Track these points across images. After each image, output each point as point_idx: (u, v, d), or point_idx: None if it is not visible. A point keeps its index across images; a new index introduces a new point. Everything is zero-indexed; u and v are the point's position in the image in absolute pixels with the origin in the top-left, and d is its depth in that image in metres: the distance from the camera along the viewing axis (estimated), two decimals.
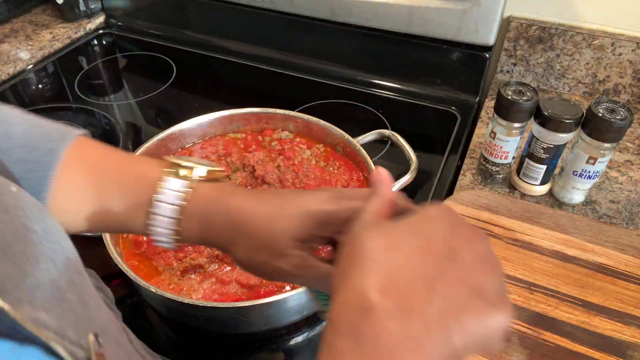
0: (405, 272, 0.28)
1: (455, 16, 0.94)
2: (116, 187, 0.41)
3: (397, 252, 0.29)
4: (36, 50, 1.17)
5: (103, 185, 0.41)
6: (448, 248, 0.30)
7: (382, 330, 0.26)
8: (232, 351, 0.63)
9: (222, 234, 0.41)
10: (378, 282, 0.28)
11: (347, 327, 0.27)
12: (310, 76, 1.12)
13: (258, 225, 0.40)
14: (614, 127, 0.66)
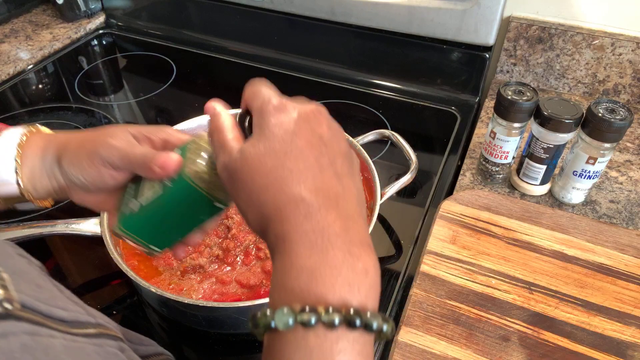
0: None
1: (455, 16, 0.94)
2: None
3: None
4: (36, 50, 1.17)
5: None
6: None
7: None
8: (232, 351, 0.64)
9: (47, 149, 0.46)
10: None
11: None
12: (310, 76, 1.12)
13: (82, 144, 0.45)
14: (614, 127, 0.66)
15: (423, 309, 0.62)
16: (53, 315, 0.29)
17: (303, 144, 0.33)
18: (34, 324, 0.27)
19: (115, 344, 0.33)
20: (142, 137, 0.45)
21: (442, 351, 0.58)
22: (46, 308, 0.29)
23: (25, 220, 0.79)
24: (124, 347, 0.34)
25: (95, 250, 0.72)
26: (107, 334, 0.33)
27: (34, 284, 0.30)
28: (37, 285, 0.30)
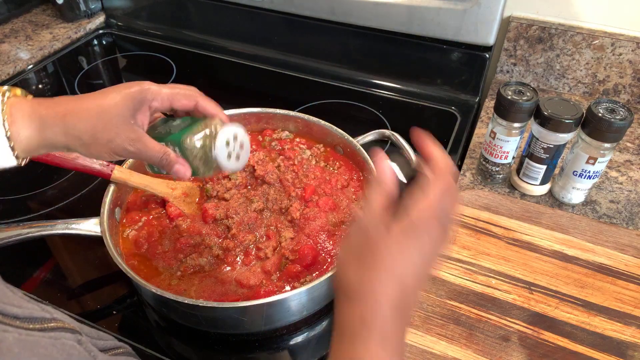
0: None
1: (455, 16, 0.94)
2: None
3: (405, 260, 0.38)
4: (36, 50, 1.17)
5: None
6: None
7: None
8: (232, 351, 0.64)
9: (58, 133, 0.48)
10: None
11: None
12: (310, 76, 1.12)
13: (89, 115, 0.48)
14: (614, 127, 0.66)
15: (423, 309, 0.62)
16: (6, 312, 0.30)
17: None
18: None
19: (73, 336, 0.33)
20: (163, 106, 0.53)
21: (442, 351, 0.58)
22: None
23: (25, 220, 0.79)
24: (81, 339, 0.34)
25: (95, 250, 0.72)
26: (64, 327, 0.33)
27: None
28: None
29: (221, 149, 0.54)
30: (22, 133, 0.47)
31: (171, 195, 0.73)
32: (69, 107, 0.48)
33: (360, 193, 0.76)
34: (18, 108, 0.47)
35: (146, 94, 0.50)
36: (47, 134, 0.48)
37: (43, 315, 0.32)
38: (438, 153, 0.41)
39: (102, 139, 0.49)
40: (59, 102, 0.48)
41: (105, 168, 0.69)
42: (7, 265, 0.71)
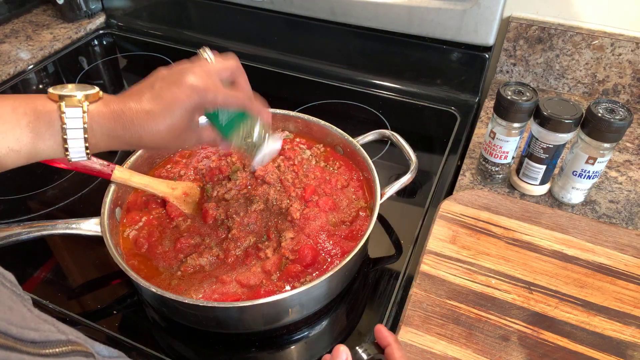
0: None
1: (455, 16, 0.94)
2: (24, 128, 0.48)
3: None
4: (37, 51, 1.17)
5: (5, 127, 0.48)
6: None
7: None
8: (232, 351, 0.64)
9: (124, 137, 0.52)
10: None
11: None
12: (310, 76, 1.13)
13: (160, 137, 0.52)
14: (614, 127, 0.66)
15: (423, 309, 0.62)
16: (24, 337, 0.30)
17: None
18: (5, 349, 0.28)
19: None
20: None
21: (442, 351, 0.58)
22: (17, 331, 0.30)
23: (26, 220, 0.79)
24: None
25: (95, 250, 0.72)
26: (78, 350, 0.34)
27: (6, 307, 0.31)
28: (9, 308, 0.31)
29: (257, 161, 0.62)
30: (99, 145, 0.52)
31: (171, 195, 0.73)
32: (143, 130, 0.52)
33: (360, 193, 0.76)
34: (97, 122, 0.50)
35: (204, 102, 0.53)
36: (122, 147, 0.54)
37: (59, 338, 0.33)
38: (393, 344, 0.48)
39: (171, 149, 0.58)
40: (132, 118, 0.51)
41: (105, 168, 0.69)
42: (7, 265, 0.71)
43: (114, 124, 0.51)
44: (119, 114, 0.51)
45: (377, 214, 0.65)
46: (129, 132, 0.51)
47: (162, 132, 0.52)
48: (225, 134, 0.59)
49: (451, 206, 0.75)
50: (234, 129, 0.59)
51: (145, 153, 0.77)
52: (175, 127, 0.52)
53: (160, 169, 0.80)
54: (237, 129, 0.59)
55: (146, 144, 0.53)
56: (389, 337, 0.48)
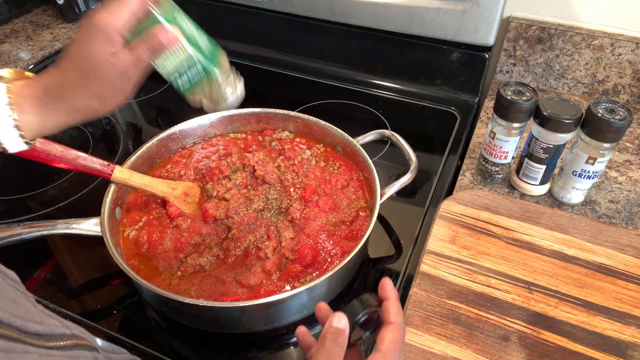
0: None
1: (455, 16, 0.94)
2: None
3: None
4: (37, 51, 1.17)
5: None
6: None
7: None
8: (232, 351, 0.64)
9: (56, 106, 0.48)
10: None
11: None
12: (310, 76, 1.13)
13: (69, 75, 0.48)
14: (613, 127, 0.66)
15: (423, 309, 0.62)
16: (29, 330, 0.30)
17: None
18: (9, 340, 0.28)
19: (90, 354, 0.34)
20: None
21: (442, 351, 0.58)
22: (22, 323, 0.30)
23: (26, 220, 0.79)
24: (97, 357, 0.35)
25: (95, 250, 0.72)
26: (82, 344, 0.34)
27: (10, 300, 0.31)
28: (13, 301, 0.31)
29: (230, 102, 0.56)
30: (32, 123, 0.48)
31: (171, 195, 0.73)
32: (70, 90, 0.48)
33: (360, 193, 0.76)
34: (23, 96, 0.47)
35: (106, 32, 0.46)
36: (61, 121, 0.50)
37: (63, 332, 0.33)
38: (393, 299, 0.47)
39: (116, 98, 0.50)
40: (55, 83, 0.48)
41: (105, 168, 0.69)
42: (7, 265, 0.71)
43: (40, 94, 0.48)
44: (41, 82, 0.48)
45: (377, 214, 0.65)
46: (55, 97, 0.48)
47: (82, 81, 0.47)
48: (186, 90, 0.53)
49: (451, 206, 0.75)
50: (194, 85, 0.52)
51: (145, 153, 0.78)
52: (90, 68, 0.47)
53: (160, 169, 0.80)
54: (198, 85, 0.52)
55: (77, 103, 0.49)
56: (391, 292, 0.47)
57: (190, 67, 0.51)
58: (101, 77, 0.47)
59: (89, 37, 0.46)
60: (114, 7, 0.46)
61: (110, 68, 0.46)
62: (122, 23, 0.46)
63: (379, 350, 0.43)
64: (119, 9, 0.46)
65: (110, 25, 0.45)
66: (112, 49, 0.46)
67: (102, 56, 0.46)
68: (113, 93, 0.49)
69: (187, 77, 0.51)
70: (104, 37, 0.46)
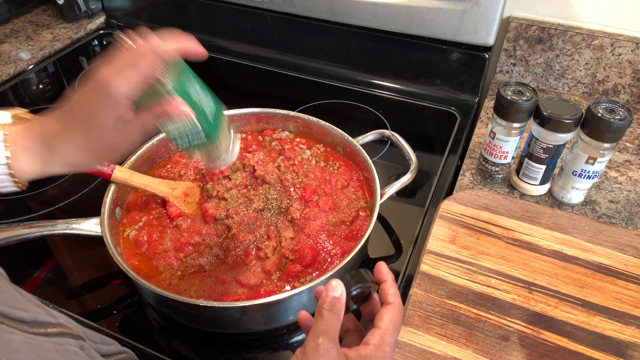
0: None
1: (455, 16, 0.94)
2: None
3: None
4: (37, 51, 1.17)
5: None
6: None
7: None
8: (232, 350, 0.64)
9: (50, 158, 0.48)
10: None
11: None
12: (310, 76, 1.13)
13: (65, 132, 0.47)
14: (613, 127, 0.66)
15: (423, 309, 0.62)
16: (12, 315, 0.30)
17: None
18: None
19: (76, 342, 0.34)
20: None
21: (442, 351, 0.58)
22: (5, 308, 0.30)
23: (26, 220, 0.79)
24: (84, 345, 0.35)
25: (95, 250, 0.72)
26: (68, 332, 0.34)
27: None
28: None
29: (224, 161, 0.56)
30: (26, 171, 0.48)
31: (171, 195, 0.73)
32: (64, 145, 0.48)
33: (360, 193, 0.76)
34: (19, 145, 0.47)
35: (111, 97, 0.45)
36: (53, 171, 0.50)
37: (48, 320, 0.33)
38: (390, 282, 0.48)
39: (107, 158, 0.50)
40: (51, 135, 0.48)
41: (105, 168, 0.69)
42: (7, 265, 0.71)
43: (36, 145, 0.47)
44: (40, 134, 0.48)
45: (377, 214, 0.65)
46: (53, 152, 0.48)
47: (84, 144, 0.47)
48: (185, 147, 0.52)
49: (451, 206, 0.75)
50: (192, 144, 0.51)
51: (146, 153, 0.78)
52: (97, 134, 0.46)
53: (160, 169, 0.80)
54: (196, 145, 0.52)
55: (74, 160, 0.49)
56: (387, 274, 0.48)
57: (193, 136, 0.50)
58: (104, 141, 0.47)
59: (95, 98, 0.45)
60: (124, 69, 0.44)
61: (115, 134, 0.47)
62: (131, 87, 0.44)
63: (378, 327, 0.45)
64: (129, 72, 0.44)
65: (118, 89, 0.44)
66: (119, 114, 0.45)
67: (108, 121, 0.46)
68: (112, 155, 0.50)
69: (188, 140, 0.51)
70: (111, 101, 0.44)
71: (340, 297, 0.44)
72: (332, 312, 0.43)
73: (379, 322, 0.45)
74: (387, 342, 0.44)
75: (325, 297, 0.44)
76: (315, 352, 0.40)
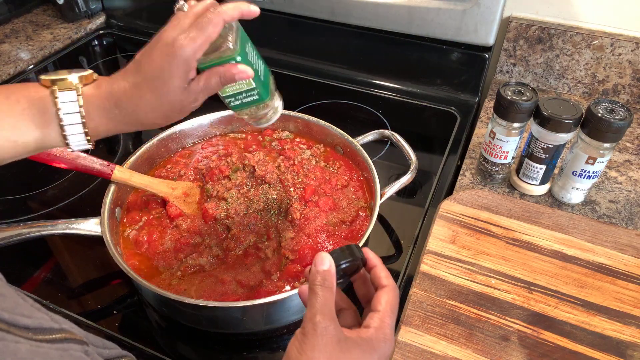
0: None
1: (455, 16, 0.94)
2: (18, 115, 0.47)
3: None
4: (37, 51, 1.17)
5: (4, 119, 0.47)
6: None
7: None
8: (232, 350, 0.64)
9: (121, 116, 0.50)
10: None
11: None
12: (310, 76, 1.13)
13: (138, 91, 0.49)
14: (613, 127, 0.66)
15: (423, 309, 0.62)
16: (17, 323, 0.30)
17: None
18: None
19: (80, 347, 0.34)
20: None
21: (442, 351, 0.58)
22: (10, 316, 0.30)
23: (26, 220, 0.79)
24: (88, 350, 0.35)
25: (95, 250, 0.72)
26: (72, 338, 0.34)
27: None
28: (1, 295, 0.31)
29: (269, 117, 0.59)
30: (99, 130, 0.50)
31: (171, 195, 0.73)
32: (136, 105, 0.49)
33: (360, 193, 0.76)
34: (92, 104, 0.49)
35: (183, 57, 0.47)
36: (124, 129, 0.52)
37: (52, 326, 0.33)
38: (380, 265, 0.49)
39: (175, 117, 0.52)
40: (122, 95, 0.50)
41: (105, 168, 0.69)
42: (7, 265, 0.72)
43: (108, 104, 0.49)
44: (111, 93, 0.49)
45: (377, 214, 0.65)
46: (124, 111, 0.49)
47: (155, 103, 0.49)
48: (235, 108, 0.56)
49: (451, 206, 0.75)
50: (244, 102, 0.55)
51: (146, 153, 0.78)
52: (166, 93, 0.48)
53: (160, 169, 0.80)
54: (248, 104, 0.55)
55: (145, 119, 0.51)
56: (375, 259, 0.49)
57: (247, 95, 0.54)
58: (175, 103, 0.49)
59: (164, 58, 0.47)
60: (189, 30, 0.48)
61: (185, 96, 0.49)
62: (196, 47, 0.47)
63: (377, 310, 0.45)
64: (194, 33, 0.47)
65: (191, 54, 0.47)
66: (186, 73, 0.48)
67: (181, 85, 0.48)
68: (179, 114, 0.52)
69: (241, 100, 0.54)
70: (185, 66, 0.47)
71: (329, 270, 0.43)
72: (324, 287, 0.42)
73: (377, 305, 0.45)
74: (387, 324, 0.44)
75: (315, 272, 0.43)
76: (314, 332, 0.40)
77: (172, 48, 0.47)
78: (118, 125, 0.51)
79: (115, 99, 0.49)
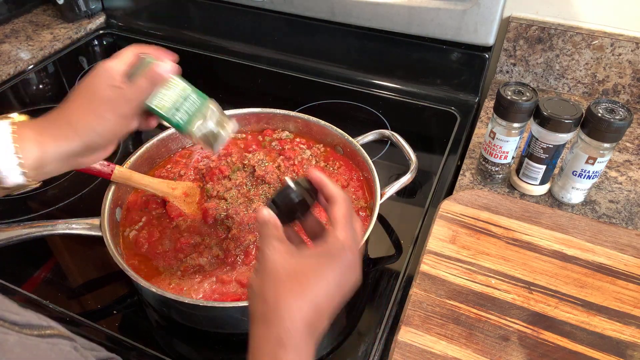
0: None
1: (455, 16, 0.94)
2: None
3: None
4: (37, 51, 1.17)
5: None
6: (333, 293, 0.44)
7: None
8: (232, 351, 0.64)
9: (58, 141, 0.51)
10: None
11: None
12: (310, 76, 1.13)
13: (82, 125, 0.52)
14: (613, 127, 0.66)
15: (423, 309, 0.62)
16: (6, 318, 0.31)
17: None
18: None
19: (69, 343, 0.35)
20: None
21: (442, 351, 0.58)
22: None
23: (26, 220, 0.79)
24: (77, 346, 0.35)
25: (95, 250, 0.72)
26: (61, 335, 0.34)
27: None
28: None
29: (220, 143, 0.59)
30: (32, 149, 0.50)
31: (171, 195, 0.73)
32: (69, 110, 0.52)
33: (360, 193, 0.76)
34: (25, 126, 0.51)
35: (119, 106, 0.52)
36: (51, 148, 0.52)
37: (40, 323, 0.33)
38: (333, 187, 0.48)
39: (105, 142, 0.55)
40: (54, 127, 0.52)
41: (105, 168, 0.69)
42: (7, 265, 0.72)
43: (44, 123, 0.51)
44: (47, 116, 0.52)
45: (377, 214, 0.65)
46: (61, 122, 0.52)
47: (91, 105, 0.52)
48: (181, 128, 0.57)
49: (451, 206, 0.75)
50: (189, 119, 0.57)
51: (146, 153, 0.78)
52: (96, 105, 0.52)
53: (160, 169, 0.80)
54: (193, 117, 0.57)
55: (83, 125, 0.52)
56: (321, 177, 0.48)
57: (185, 99, 0.56)
58: (103, 99, 0.52)
59: (93, 75, 0.53)
60: (113, 57, 0.54)
61: (112, 91, 0.52)
62: (121, 66, 0.53)
63: (331, 225, 0.46)
64: (117, 58, 0.54)
65: (111, 66, 0.53)
66: (114, 82, 0.52)
67: (105, 85, 0.52)
68: (114, 116, 0.52)
69: (185, 110, 0.56)
70: (106, 74, 0.52)
71: (265, 217, 0.46)
72: (265, 226, 0.45)
73: (335, 222, 0.45)
74: (345, 234, 0.44)
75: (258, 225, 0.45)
76: (263, 257, 0.43)
77: (97, 67, 0.53)
78: (54, 143, 0.51)
79: (47, 117, 0.52)
